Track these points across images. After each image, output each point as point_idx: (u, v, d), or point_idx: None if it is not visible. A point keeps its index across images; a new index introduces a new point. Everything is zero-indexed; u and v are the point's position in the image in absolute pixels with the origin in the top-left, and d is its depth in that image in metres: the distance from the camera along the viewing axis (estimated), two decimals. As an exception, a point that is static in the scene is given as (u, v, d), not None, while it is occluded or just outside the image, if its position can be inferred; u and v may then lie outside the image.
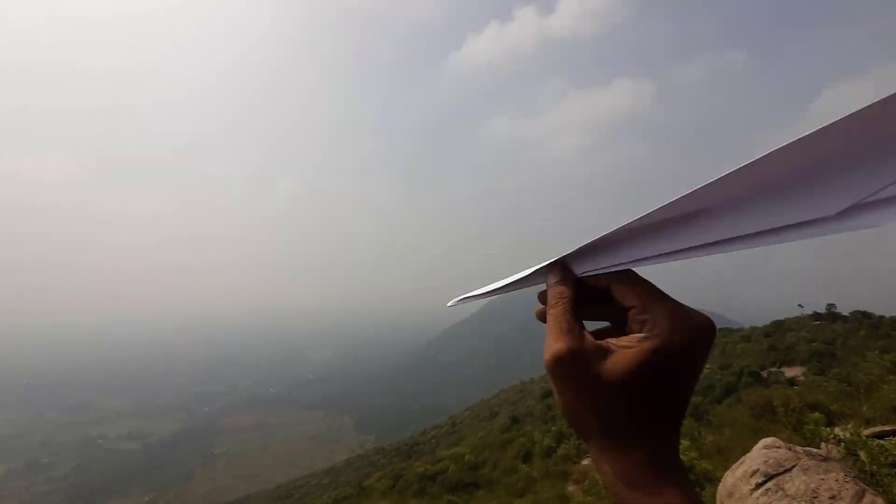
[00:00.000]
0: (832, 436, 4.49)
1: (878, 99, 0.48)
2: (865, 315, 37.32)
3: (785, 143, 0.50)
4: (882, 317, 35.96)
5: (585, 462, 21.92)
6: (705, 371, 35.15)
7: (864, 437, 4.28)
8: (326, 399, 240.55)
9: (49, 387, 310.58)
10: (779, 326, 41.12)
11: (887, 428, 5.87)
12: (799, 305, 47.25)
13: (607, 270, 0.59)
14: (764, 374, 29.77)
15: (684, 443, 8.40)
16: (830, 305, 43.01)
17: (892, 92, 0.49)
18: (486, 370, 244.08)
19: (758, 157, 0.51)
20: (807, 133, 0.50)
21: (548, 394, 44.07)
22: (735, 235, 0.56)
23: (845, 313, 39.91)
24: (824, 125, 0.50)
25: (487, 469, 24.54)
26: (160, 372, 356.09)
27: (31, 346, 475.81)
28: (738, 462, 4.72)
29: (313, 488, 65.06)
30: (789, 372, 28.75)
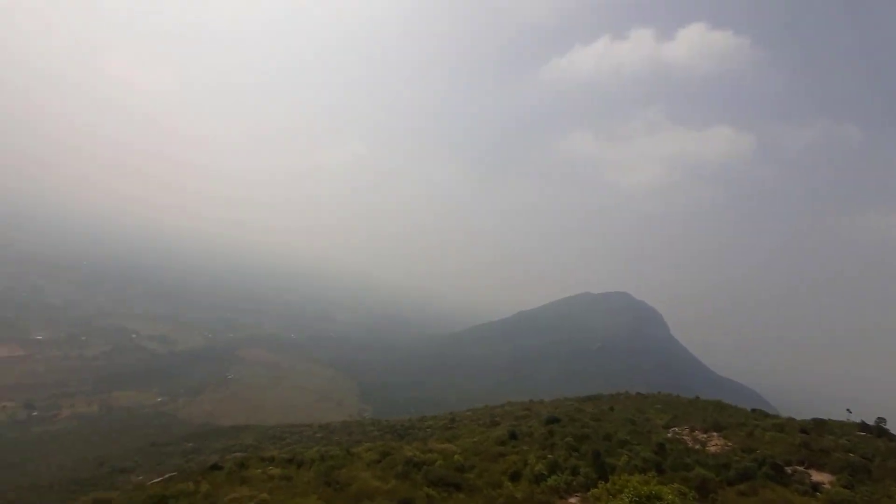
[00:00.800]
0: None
1: None
2: (920, 441, 33.65)
3: None
4: (940, 449, 32.28)
5: (572, 500, 21.21)
6: (723, 447, 33.03)
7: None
8: (339, 359, 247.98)
9: (104, 274, 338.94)
10: (819, 425, 37.84)
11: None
12: (847, 410, 43.40)
13: None
14: (789, 470, 27.52)
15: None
16: (881, 420, 39.18)
17: None
18: (496, 378, 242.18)
19: None
20: None
21: (553, 420, 43.03)
22: None
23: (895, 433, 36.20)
24: None
25: (473, 475, 24.27)
26: (201, 289, 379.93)
27: (100, 233, 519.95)
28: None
29: (306, 438, 67.38)
30: (817, 476, 26.39)
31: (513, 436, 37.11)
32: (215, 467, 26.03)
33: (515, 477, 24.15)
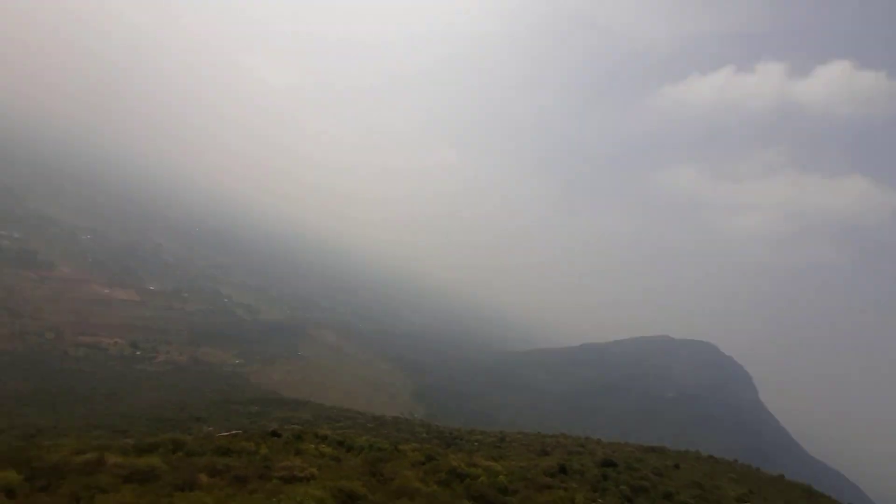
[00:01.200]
0: None
1: None
2: None
3: None
4: None
5: (619, 553, 19.64)
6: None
7: None
8: (401, 357, 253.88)
9: (213, 242, 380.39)
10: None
11: None
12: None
13: None
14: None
15: None
16: None
17: None
18: (553, 407, 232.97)
19: None
20: None
21: (609, 463, 40.39)
22: None
23: None
24: None
25: (516, 500, 23.48)
26: (295, 269, 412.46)
27: (219, 208, 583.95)
28: None
29: (357, 425, 69.73)
30: None
31: (563, 469, 35.38)
32: (275, 434, 27.80)
33: (560, 513, 22.98)
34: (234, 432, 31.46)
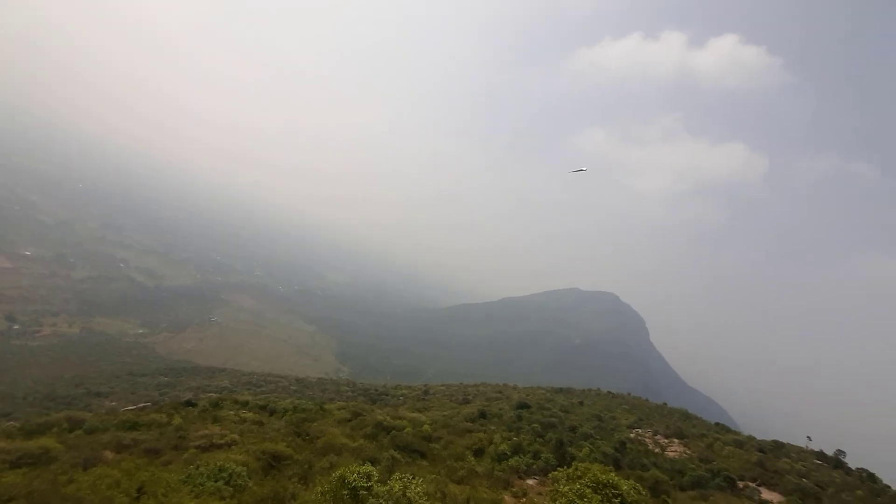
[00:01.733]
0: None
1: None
2: (871, 477, 34.84)
3: None
4: (887, 486, 33.47)
5: (531, 482, 21.91)
6: (682, 454, 34.00)
7: None
8: (323, 317, 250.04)
9: (98, 197, 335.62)
10: (777, 447, 39.08)
11: None
12: (808, 438, 44.75)
13: None
14: (740, 484, 28.53)
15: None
16: (840, 452, 40.46)
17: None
18: (475, 358, 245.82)
19: None
20: None
21: (524, 405, 44.00)
22: None
23: (851, 466, 37.43)
24: None
25: (439, 446, 24.91)
26: (196, 230, 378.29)
27: (104, 162, 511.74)
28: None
29: (280, 389, 68.50)
30: (767, 494, 27.39)
31: (482, 415, 38.01)
32: (189, 403, 26.54)
33: (479, 453, 24.85)
34: (141, 405, 29.46)
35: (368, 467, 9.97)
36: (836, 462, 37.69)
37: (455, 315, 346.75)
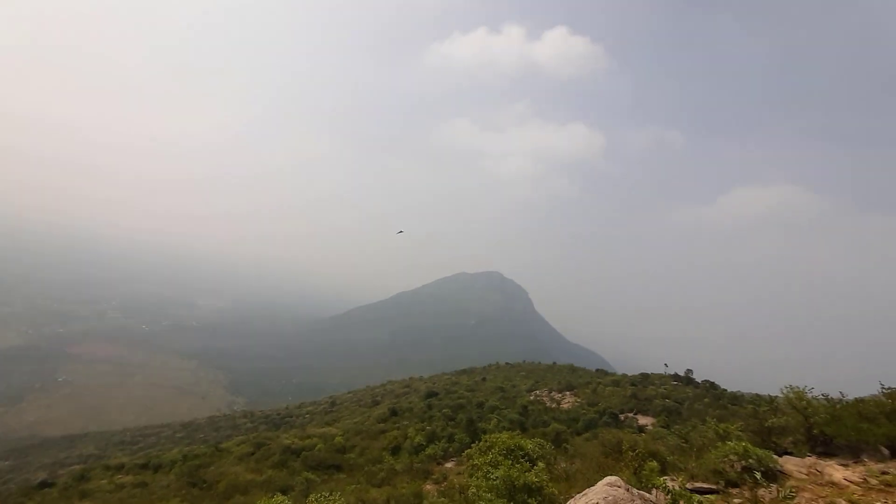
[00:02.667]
0: (662, 485, 5.13)
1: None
2: (713, 386, 43.02)
3: None
4: (725, 390, 41.72)
5: (449, 465, 22.72)
6: (574, 403, 38.02)
7: (687, 492, 4.94)
8: (204, 350, 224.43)
9: None
10: (644, 379, 45.84)
11: (705, 486, 6.82)
12: (665, 365, 53.05)
13: None
14: (622, 417, 33.02)
15: (540, 464, 9.07)
16: (689, 371, 48.92)
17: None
18: (378, 359, 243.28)
19: None
20: None
21: (432, 394, 45.04)
22: None
23: (699, 380, 45.68)
24: None
25: (354, 454, 24.47)
26: (15, 278, 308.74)
27: None
28: (582, 493, 5.18)
29: (164, 440, 60.49)
30: (642, 420, 32.17)
31: (393, 412, 38.06)
32: (44, 484, 22.18)
33: (396, 451, 24.97)
34: (-26, 505, 23.69)
35: (279, 498, 9.46)
36: (687, 380, 45.50)
37: (350, 320, 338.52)
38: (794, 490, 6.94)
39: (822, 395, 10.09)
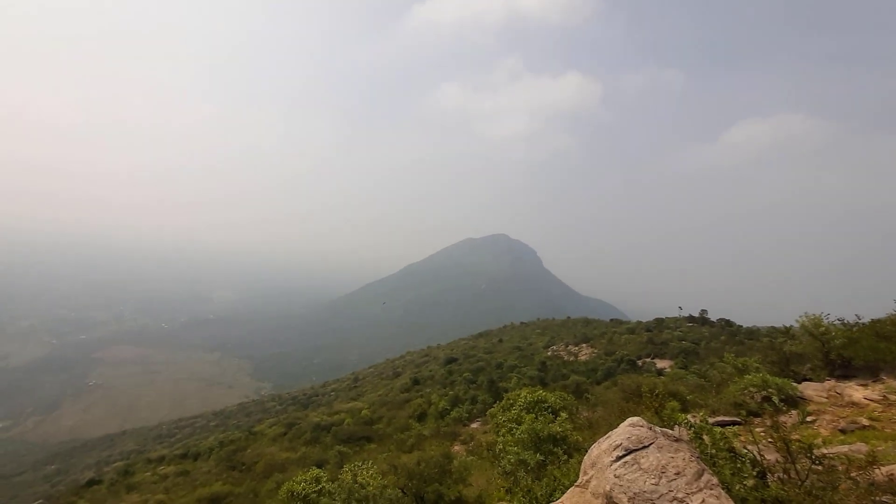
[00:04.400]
0: (685, 421, 5.22)
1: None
2: (728, 323, 43.35)
3: None
4: (741, 326, 42.04)
5: (474, 425, 23.40)
6: (591, 354, 38.54)
7: (709, 425, 5.03)
8: (225, 341, 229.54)
9: None
10: (659, 323, 46.22)
11: (727, 419, 6.95)
12: (679, 308, 53.37)
13: None
14: (639, 363, 33.52)
15: (562, 415, 9.29)
16: (703, 311, 49.27)
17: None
18: (393, 332, 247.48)
19: None
20: None
21: (451, 360, 45.92)
22: None
23: (713, 319, 46.05)
24: None
25: (382, 425, 25.21)
26: (31, 290, 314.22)
27: None
28: (605, 436, 5.29)
29: (199, 429, 62.71)
30: (660, 364, 32.66)
31: (415, 381, 38.98)
32: (92, 482, 23.22)
33: (422, 417, 25.71)
34: (30, 507, 25.01)
35: (315, 471, 9.82)
36: (702, 320, 45.84)
37: (363, 297, 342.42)
38: (814, 413, 7.06)
39: (839, 319, 10.11)
